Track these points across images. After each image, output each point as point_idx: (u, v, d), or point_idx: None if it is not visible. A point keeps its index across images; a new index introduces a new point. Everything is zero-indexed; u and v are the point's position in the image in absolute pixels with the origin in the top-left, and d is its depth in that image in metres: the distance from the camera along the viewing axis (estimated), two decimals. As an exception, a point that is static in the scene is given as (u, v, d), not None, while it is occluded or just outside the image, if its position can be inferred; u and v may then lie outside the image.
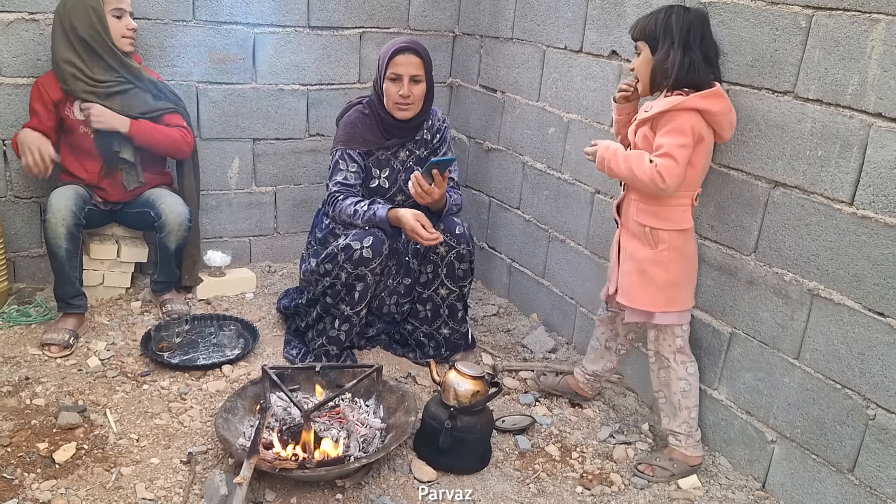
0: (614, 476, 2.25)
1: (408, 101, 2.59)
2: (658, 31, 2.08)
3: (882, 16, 1.79)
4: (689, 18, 2.07)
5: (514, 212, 3.33)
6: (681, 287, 2.20)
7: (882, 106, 1.81)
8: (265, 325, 2.99)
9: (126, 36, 2.75)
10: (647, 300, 2.18)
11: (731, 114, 2.10)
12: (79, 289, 2.73)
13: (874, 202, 1.85)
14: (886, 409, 1.88)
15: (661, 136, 2.05)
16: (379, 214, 2.52)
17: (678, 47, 2.05)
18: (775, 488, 2.20)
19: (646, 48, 2.12)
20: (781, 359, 2.15)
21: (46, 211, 2.63)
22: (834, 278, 1.98)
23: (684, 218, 2.15)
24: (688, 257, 2.20)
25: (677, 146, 2.02)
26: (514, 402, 2.62)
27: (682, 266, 2.19)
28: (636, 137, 2.16)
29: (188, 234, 2.92)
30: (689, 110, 2.03)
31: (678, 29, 2.05)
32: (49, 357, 2.60)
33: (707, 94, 2.04)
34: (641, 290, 2.18)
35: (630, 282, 2.21)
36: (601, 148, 2.17)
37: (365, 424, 2.27)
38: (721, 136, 2.13)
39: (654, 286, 2.16)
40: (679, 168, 2.02)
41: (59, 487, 1.99)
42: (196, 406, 2.41)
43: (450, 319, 2.76)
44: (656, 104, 2.08)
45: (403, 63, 2.55)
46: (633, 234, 2.21)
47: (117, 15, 2.72)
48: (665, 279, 2.16)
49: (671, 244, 2.15)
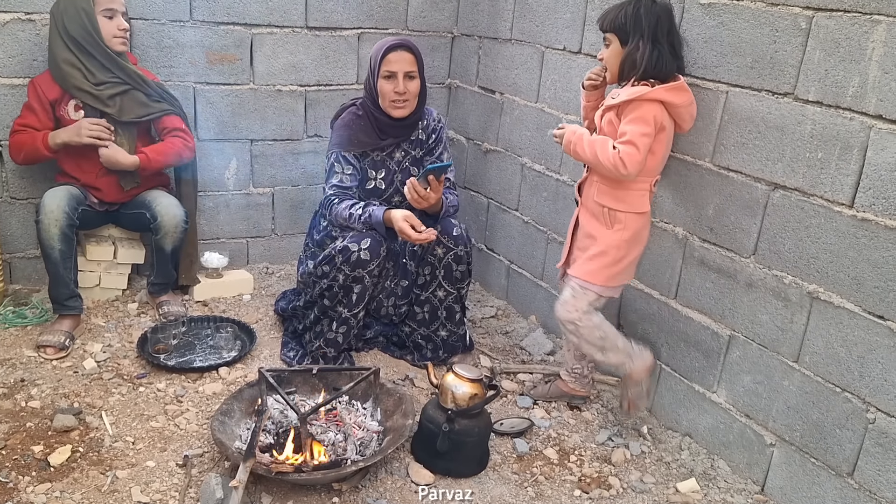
0: (612, 479, 2.24)
1: (403, 97, 2.59)
2: (628, 24, 2.16)
3: (883, 17, 1.79)
4: (657, 11, 2.16)
5: (513, 213, 3.32)
6: (626, 267, 2.32)
7: (883, 108, 1.80)
8: (262, 328, 2.97)
9: (117, 36, 2.73)
10: (592, 272, 2.30)
11: (692, 106, 2.20)
12: (74, 290, 2.72)
13: (874, 204, 1.85)
14: (886, 412, 1.87)
15: (626, 124, 2.15)
16: (375, 216, 2.51)
17: (647, 40, 2.14)
18: (774, 492, 2.19)
19: (615, 40, 2.21)
20: (781, 362, 2.14)
21: (39, 212, 2.62)
22: (834, 281, 1.97)
23: (642, 202, 2.26)
24: (640, 240, 2.32)
25: (640, 134, 2.11)
26: (513, 404, 2.61)
27: (633, 248, 2.30)
28: (602, 122, 2.26)
29: (184, 236, 2.91)
30: (653, 101, 2.13)
31: (647, 22, 2.14)
32: (45, 359, 2.59)
33: (671, 87, 2.14)
34: (588, 262, 2.30)
35: (581, 255, 2.34)
36: (568, 132, 2.26)
37: (362, 427, 2.26)
38: (681, 127, 2.24)
39: (602, 262, 2.28)
40: (640, 155, 2.11)
41: (54, 491, 1.98)
42: (192, 408, 2.40)
43: (447, 321, 2.74)
44: (623, 92, 2.18)
45: (397, 60, 2.55)
46: (591, 213, 2.32)
47: (108, 15, 2.70)
48: (614, 257, 2.28)
49: (626, 225, 2.26)
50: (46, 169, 2.91)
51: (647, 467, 2.33)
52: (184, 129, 2.91)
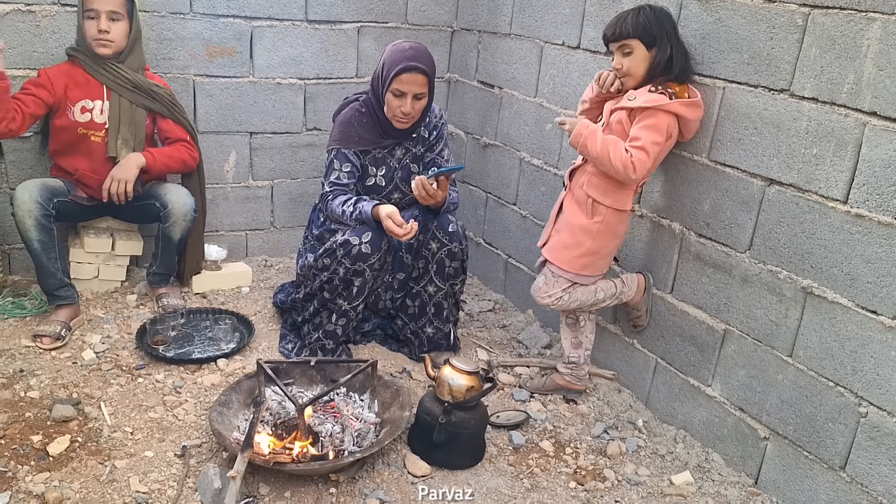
0: (608, 472, 2.25)
1: (408, 116, 2.57)
2: (653, 27, 2.17)
3: (878, 15, 1.79)
4: (666, 12, 2.22)
5: (511, 208, 3.33)
6: (600, 258, 2.40)
7: (877, 105, 1.81)
8: (261, 320, 2.99)
9: (96, 38, 2.69)
10: (566, 260, 2.38)
11: (700, 120, 2.26)
12: (63, 279, 2.71)
13: (868, 201, 1.86)
14: (878, 406, 1.89)
15: (640, 130, 2.17)
16: (364, 212, 2.51)
17: (675, 41, 2.18)
18: (768, 485, 2.21)
19: (639, 45, 2.20)
20: (775, 356, 2.15)
21: (13, 205, 2.61)
22: (828, 276, 1.98)
23: (626, 200, 2.33)
24: (616, 235, 2.40)
25: (652, 142, 2.16)
26: (509, 397, 2.63)
27: (608, 241, 2.38)
28: (611, 118, 2.28)
29: (193, 225, 2.91)
30: (669, 112, 2.16)
31: (668, 24, 2.19)
32: (41, 349, 2.60)
33: (689, 102, 2.19)
34: (564, 251, 2.38)
35: (559, 240, 2.41)
36: (580, 125, 2.27)
37: (359, 419, 2.27)
38: (684, 136, 2.29)
39: (577, 251, 2.36)
40: (650, 163, 2.18)
41: (53, 480, 1.99)
42: (191, 400, 2.42)
43: (435, 318, 2.75)
44: (640, 97, 2.19)
45: (409, 81, 2.48)
46: (576, 200, 2.38)
47: (90, 16, 2.67)
48: (589, 248, 2.35)
49: (605, 219, 2.33)
50: (46, 161, 2.93)
51: (642, 460, 2.35)
52: (188, 140, 2.93)
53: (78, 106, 2.74)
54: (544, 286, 2.43)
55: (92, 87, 2.75)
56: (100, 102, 2.76)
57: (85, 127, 2.75)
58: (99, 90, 2.76)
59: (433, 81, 2.57)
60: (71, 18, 2.85)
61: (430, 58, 2.54)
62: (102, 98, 2.77)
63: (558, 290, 2.39)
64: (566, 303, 2.41)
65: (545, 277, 2.44)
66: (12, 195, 2.65)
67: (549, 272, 2.42)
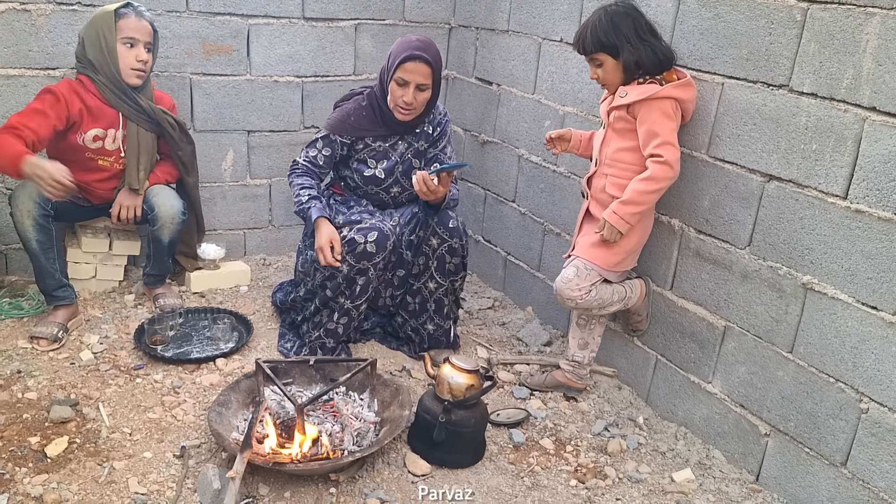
0: (608, 469, 2.25)
1: (410, 107, 2.57)
2: (611, 38, 2.22)
3: (877, 10, 1.79)
4: (625, 12, 2.22)
5: (510, 205, 3.32)
6: (632, 254, 2.41)
7: (877, 100, 1.81)
8: (259, 319, 2.98)
9: (134, 68, 2.66)
10: (600, 256, 2.37)
11: (695, 100, 2.27)
12: (61, 280, 2.70)
13: (868, 196, 1.85)
14: (879, 402, 1.88)
15: (653, 124, 2.18)
16: (309, 216, 2.52)
17: (636, 42, 2.20)
18: (769, 481, 2.20)
19: (606, 58, 2.25)
20: (775, 352, 2.15)
21: (11, 206, 2.59)
22: (828, 272, 1.98)
23: None
24: (645, 229, 2.40)
25: (670, 130, 2.18)
26: (509, 395, 2.62)
27: (639, 237, 2.39)
28: (610, 118, 2.31)
29: (182, 228, 2.91)
30: (666, 98, 2.18)
31: (625, 26, 2.20)
32: (38, 351, 2.59)
33: (680, 84, 2.20)
34: (597, 249, 2.37)
35: (591, 241, 2.38)
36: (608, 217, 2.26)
37: (359, 418, 2.26)
38: (684, 119, 2.29)
39: (612, 250, 2.36)
40: (676, 149, 2.19)
41: (51, 482, 1.98)
42: (189, 400, 2.41)
43: (436, 315, 2.75)
44: (631, 92, 2.22)
45: (412, 70, 2.50)
46: (602, 205, 2.37)
47: (128, 44, 2.63)
48: (621, 246, 2.35)
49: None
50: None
51: (643, 457, 2.34)
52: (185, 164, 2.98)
53: (90, 134, 2.71)
54: (576, 278, 2.36)
55: (106, 115, 2.72)
56: (113, 131, 2.75)
57: (94, 153, 2.75)
58: (113, 119, 2.74)
59: (438, 76, 2.58)
60: (66, 17, 2.84)
61: (436, 51, 2.56)
62: (117, 127, 2.75)
63: (588, 283, 2.36)
64: (591, 299, 2.37)
65: (577, 269, 2.37)
66: (10, 195, 2.63)
67: (581, 265, 2.37)
